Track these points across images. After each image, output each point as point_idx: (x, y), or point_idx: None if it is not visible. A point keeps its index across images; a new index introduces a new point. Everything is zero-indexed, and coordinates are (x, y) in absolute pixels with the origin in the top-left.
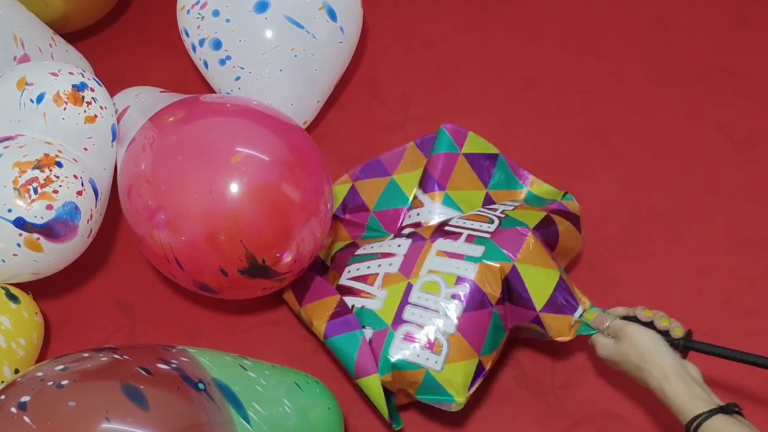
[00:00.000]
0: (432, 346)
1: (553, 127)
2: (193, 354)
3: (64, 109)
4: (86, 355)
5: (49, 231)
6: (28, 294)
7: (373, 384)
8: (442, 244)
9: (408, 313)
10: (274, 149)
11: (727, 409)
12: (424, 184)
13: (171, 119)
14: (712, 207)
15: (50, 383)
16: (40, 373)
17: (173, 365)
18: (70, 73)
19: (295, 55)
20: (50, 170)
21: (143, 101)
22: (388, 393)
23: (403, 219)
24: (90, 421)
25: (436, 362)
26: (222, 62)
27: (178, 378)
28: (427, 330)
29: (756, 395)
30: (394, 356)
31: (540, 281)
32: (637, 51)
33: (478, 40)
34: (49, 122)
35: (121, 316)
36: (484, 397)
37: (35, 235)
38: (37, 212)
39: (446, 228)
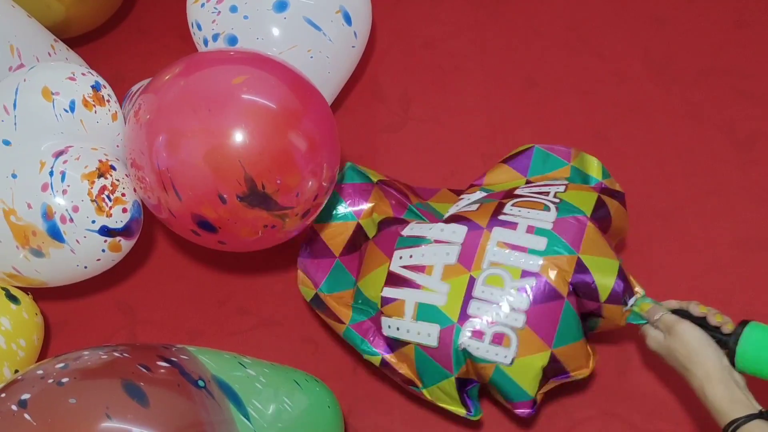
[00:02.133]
0: (500, 340)
1: (553, 127)
2: (192, 352)
3: (95, 112)
4: (86, 353)
5: (127, 232)
6: (28, 295)
7: (448, 386)
8: (501, 234)
9: (473, 308)
10: (276, 81)
11: (765, 415)
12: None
13: (168, 77)
14: (713, 207)
15: (50, 381)
16: (40, 371)
17: (173, 363)
18: (83, 74)
19: (311, 57)
20: (111, 175)
21: None
22: (468, 382)
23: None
24: (90, 418)
25: (505, 357)
26: None
27: (178, 375)
28: (495, 325)
29: None
30: (465, 349)
31: (604, 272)
32: (637, 51)
33: (478, 40)
34: (88, 128)
35: (121, 317)
36: (484, 397)
37: (117, 238)
38: (117, 217)
39: (501, 217)
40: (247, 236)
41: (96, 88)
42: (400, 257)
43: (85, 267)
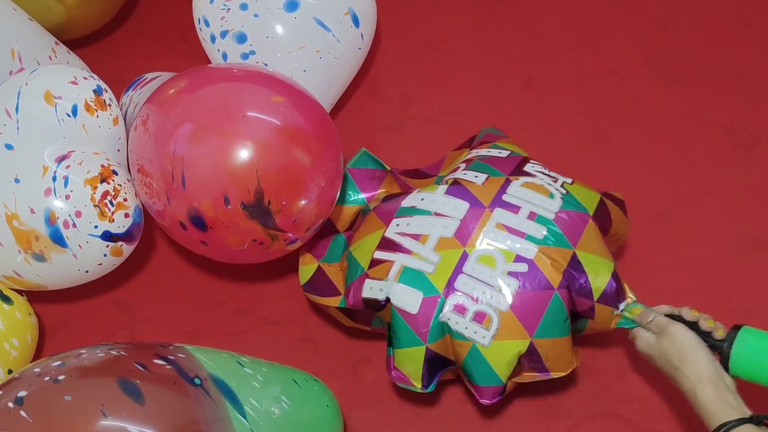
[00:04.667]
0: (482, 319)
1: (553, 127)
2: (189, 350)
3: (97, 117)
4: (84, 351)
5: (129, 237)
6: (22, 295)
7: (416, 353)
8: (501, 215)
9: (461, 282)
10: (308, 115)
11: (756, 420)
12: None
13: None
14: (713, 207)
15: (47, 378)
16: (37, 369)
17: (170, 361)
18: (85, 78)
19: (320, 57)
20: (113, 180)
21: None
22: (443, 362)
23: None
24: (86, 415)
25: (483, 336)
26: (245, 56)
27: (174, 373)
28: (479, 303)
29: None
30: (444, 322)
31: (598, 271)
32: (637, 51)
33: (478, 40)
34: (90, 133)
35: (121, 316)
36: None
37: (119, 243)
38: (119, 223)
39: (505, 197)
40: (233, 244)
41: (98, 92)
42: (398, 225)
43: (87, 271)
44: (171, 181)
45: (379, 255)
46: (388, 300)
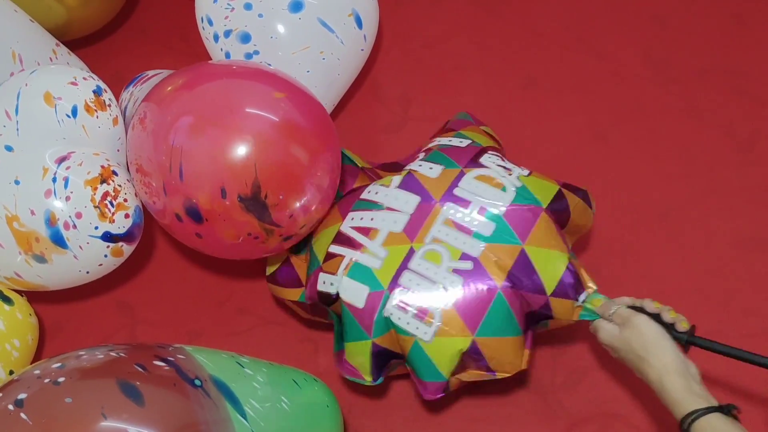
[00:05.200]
0: (423, 315)
1: (553, 127)
2: (189, 352)
3: (97, 117)
4: (83, 353)
5: (130, 237)
6: (23, 296)
7: (363, 347)
8: (451, 211)
9: (405, 278)
10: (307, 114)
11: (724, 410)
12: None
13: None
14: (713, 207)
15: (47, 380)
16: (37, 371)
17: (170, 362)
18: (84, 79)
19: (323, 58)
20: (113, 181)
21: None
22: (391, 355)
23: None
24: (86, 417)
25: (425, 333)
26: (248, 56)
27: (174, 375)
28: (421, 299)
29: (755, 394)
30: (388, 317)
31: (550, 264)
32: (637, 51)
33: (478, 40)
34: (90, 134)
35: (121, 317)
36: (484, 397)
37: (120, 244)
38: (119, 223)
39: (456, 191)
40: (228, 238)
41: (97, 92)
42: (352, 218)
43: (87, 272)
44: (168, 173)
45: (333, 249)
46: (339, 294)
